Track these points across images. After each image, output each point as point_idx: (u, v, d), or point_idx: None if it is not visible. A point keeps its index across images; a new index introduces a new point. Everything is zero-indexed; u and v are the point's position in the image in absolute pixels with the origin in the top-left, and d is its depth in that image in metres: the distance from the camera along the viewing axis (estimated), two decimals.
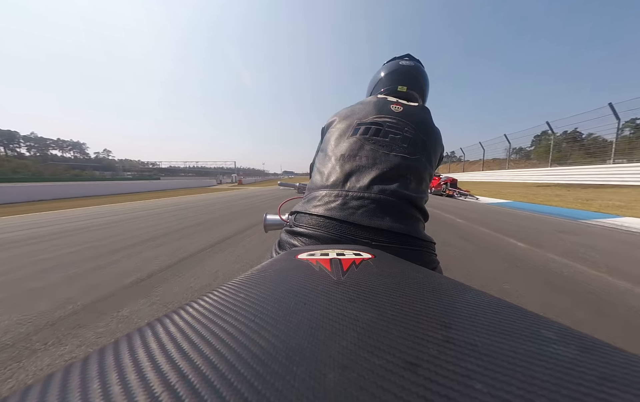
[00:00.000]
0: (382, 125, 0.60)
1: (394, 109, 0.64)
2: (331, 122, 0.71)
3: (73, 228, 4.35)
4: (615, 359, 0.14)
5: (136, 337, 0.18)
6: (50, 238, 3.62)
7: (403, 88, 0.77)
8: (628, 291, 1.74)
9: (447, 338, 0.16)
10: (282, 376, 0.13)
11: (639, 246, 2.90)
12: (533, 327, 0.18)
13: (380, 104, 0.66)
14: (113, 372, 0.14)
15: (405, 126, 0.61)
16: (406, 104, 0.67)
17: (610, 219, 4.53)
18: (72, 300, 1.67)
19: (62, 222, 5.03)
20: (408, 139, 0.59)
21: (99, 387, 0.13)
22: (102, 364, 0.15)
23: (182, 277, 2.03)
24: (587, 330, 0.25)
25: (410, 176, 0.55)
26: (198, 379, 0.13)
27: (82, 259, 2.56)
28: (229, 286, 0.26)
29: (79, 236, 3.72)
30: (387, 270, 0.30)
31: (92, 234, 3.83)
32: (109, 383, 0.13)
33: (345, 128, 0.64)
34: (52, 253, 2.83)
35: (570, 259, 2.40)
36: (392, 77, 0.79)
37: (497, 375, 0.13)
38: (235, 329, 0.18)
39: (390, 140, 0.58)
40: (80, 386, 0.13)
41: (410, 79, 0.78)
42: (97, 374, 0.14)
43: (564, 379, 0.13)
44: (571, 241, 3.09)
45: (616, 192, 8.81)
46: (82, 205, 8.95)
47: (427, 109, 0.70)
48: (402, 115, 0.63)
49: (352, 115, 0.67)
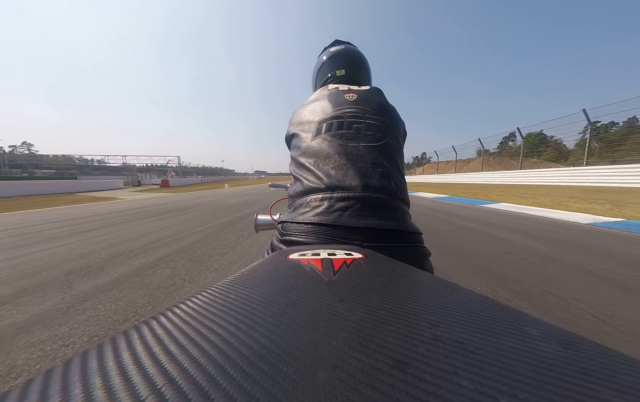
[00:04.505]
0: (343, 117, 0.60)
1: (348, 98, 0.64)
2: (292, 128, 0.69)
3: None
4: (594, 354, 0.15)
5: (121, 339, 0.17)
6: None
7: (341, 72, 0.78)
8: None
9: (436, 336, 0.17)
10: (272, 377, 0.13)
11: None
12: (517, 324, 0.18)
13: (334, 96, 0.65)
14: (97, 377, 0.14)
15: (366, 113, 0.61)
16: (358, 89, 0.67)
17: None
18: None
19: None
20: (372, 126, 0.59)
21: (81, 393, 0.13)
22: (85, 368, 0.15)
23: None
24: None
25: (385, 162, 0.55)
26: (186, 382, 0.13)
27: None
28: (219, 286, 0.26)
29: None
30: (377, 269, 0.30)
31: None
32: (92, 387, 0.13)
33: (307, 129, 0.63)
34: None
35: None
36: (330, 65, 0.80)
37: (483, 372, 0.13)
38: (224, 330, 0.18)
39: (355, 131, 0.58)
40: (60, 390, 0.13)
41: (347, 62, 0.79)
42: (79, 379, 0.14)
43: (546, 375, 0.13)
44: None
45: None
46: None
47: (379, 90, 0.70)
48: (359, 102, 0.63)
49: (310, 114, 0.65)
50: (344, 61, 0.79)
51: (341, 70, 0.78)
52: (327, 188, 0.53)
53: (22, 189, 14.18)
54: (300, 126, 0.66)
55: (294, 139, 0.67)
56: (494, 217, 4.84)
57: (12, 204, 9.22)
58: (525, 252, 2.63)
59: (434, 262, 0.57)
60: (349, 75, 0.78)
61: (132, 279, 2.10)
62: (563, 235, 3.37)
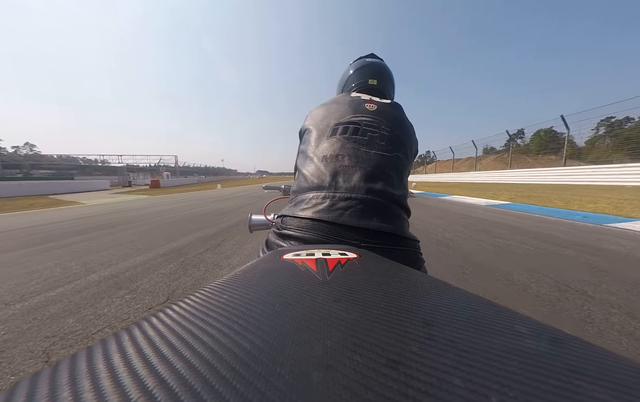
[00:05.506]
0: (360, 124, 0.61)
1: (368, 107, 0.65)
2: (308, 123, 0.71)
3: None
4: (583, 352, 0.15)
5: (112, 342, 0.17)
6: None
7: (374, 81, 0.80)
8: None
9: (429, 335, 0.17)
10: (265, 377, 0.13)
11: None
12: (508, 323, 0.19)
13: (355, 103, 0.67)
14: (86, 380, 0.13)
15: (382, 124, 0.62)
16: (379, 101, 0.69)
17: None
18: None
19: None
20: (385, 137, 0.60)
21: (69, 396, 0.12)
22: (74, 370, 0.14)
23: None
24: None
25: (392, 173, 0.57)
26: (178, 383, 0.13)
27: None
28: (212, 287, 0.25)
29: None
30: (371, 269, 0.30)
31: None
32: (81, 390, 0.13)
33: (323, 128, 0.64)
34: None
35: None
36: (361, 73, 0.82)
37: (475, 370, 0.14)
38: (217, 330, 0.17)
39: (369, 139, 0.59)
40: (47, 395, 0.13)
41: (379, 74, 0.82)
42: (68, 382, 0.13)
43: (536, 373, 0.13)
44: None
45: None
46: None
47: (399, 106, 0.72)
48: (377, 113, 0.64)
49: (328, 115, 0.67)
50: (380, 75, 0.82)
51: (374, 81, 0.80)
52: (331, 186, 0.54)
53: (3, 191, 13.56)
54: (316, 123, 0.67)
55: (307, 134, 0.68)
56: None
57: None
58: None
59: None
60: (379, 89, 0.81)
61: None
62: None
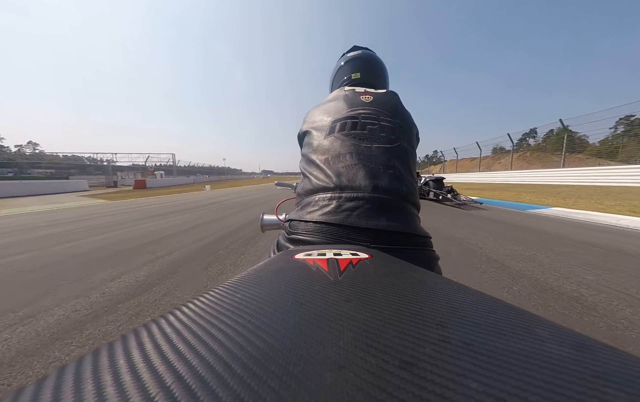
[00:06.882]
0: (357, 118, 0.60)
1: (364, 99, 0.64)
2: (306, 126, 0.69)
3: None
4: (608, 357, 0.15)
5: (131, 338, 0.17)
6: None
7: (356, 75, 0.80)
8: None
9: (443, 337, 0.17)
10: (279, 376, 0.13)
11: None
12: (528, 326, 0.18)
13: (350, 97, 0.66)
14: (107, 374, 0.14)
15: (380, 115, 0.61)
16: (375, 92, 0.67)
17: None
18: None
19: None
20: (386, 127, 0.59)
21: (93, 389, 0.13)
22: (97, 365, 0.15)
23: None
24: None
25: (397, 165, 0.55)
26: (194, 380, 0.13)
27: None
28: (225, 286, 0.26)
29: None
30: (383, 270, 0.30)
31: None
32: (104, 385, 0.13)
33: (321, 128, 0.63)
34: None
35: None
36: (345, 69, 0.82)
37: (493, 374, 0.13)
38: (231, 329, 0.18)
39: (368, 132, 0.57)
40: (73, 387, 0.13)
41: (360, 65, 0.81)
42: (91, 376, 0.14)
43: (558, 378, 0.13)
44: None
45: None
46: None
47: (395, 93, 0.70)
48: (374, 104, 0.63)
49: (325, 114, 0.66)
50: (360, 65, 0.81)
51: (356, 74, 0.80)
52: (336, 187, 0.52)
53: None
54: (314, 124, 0.66)
55: (306, 136, 0.68)
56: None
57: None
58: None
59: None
60: (363, 79, 0.80)
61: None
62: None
